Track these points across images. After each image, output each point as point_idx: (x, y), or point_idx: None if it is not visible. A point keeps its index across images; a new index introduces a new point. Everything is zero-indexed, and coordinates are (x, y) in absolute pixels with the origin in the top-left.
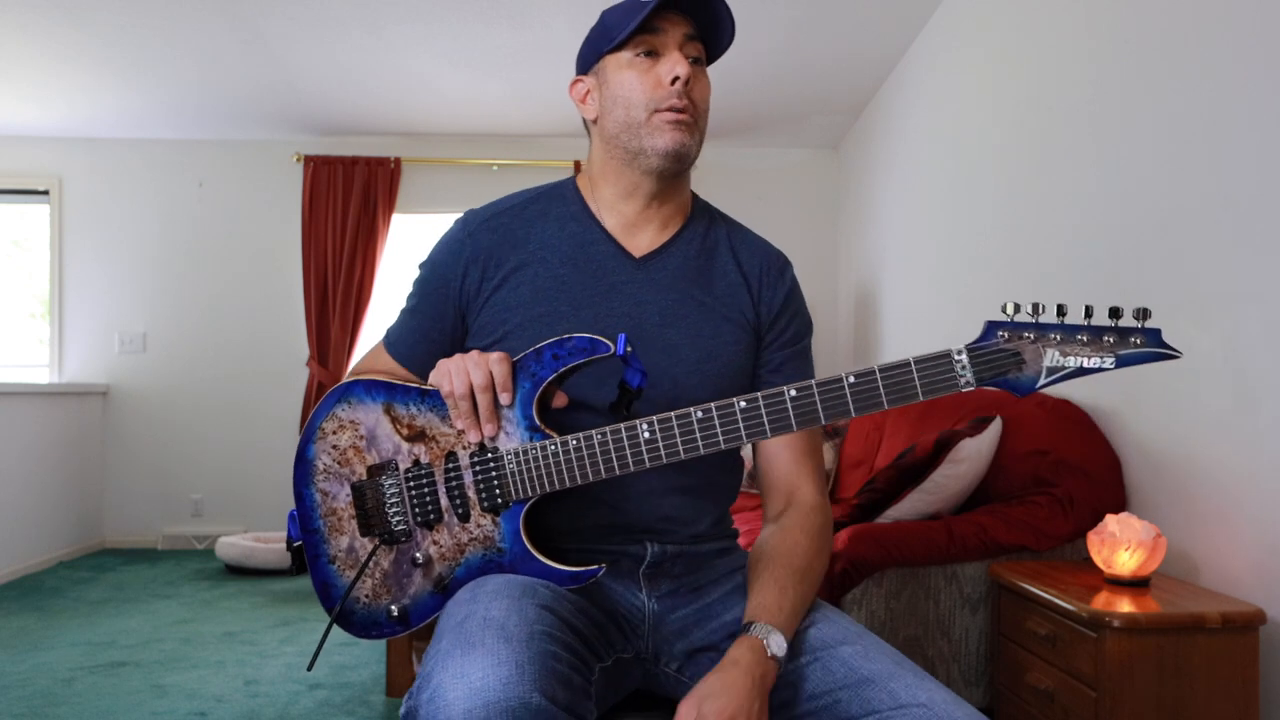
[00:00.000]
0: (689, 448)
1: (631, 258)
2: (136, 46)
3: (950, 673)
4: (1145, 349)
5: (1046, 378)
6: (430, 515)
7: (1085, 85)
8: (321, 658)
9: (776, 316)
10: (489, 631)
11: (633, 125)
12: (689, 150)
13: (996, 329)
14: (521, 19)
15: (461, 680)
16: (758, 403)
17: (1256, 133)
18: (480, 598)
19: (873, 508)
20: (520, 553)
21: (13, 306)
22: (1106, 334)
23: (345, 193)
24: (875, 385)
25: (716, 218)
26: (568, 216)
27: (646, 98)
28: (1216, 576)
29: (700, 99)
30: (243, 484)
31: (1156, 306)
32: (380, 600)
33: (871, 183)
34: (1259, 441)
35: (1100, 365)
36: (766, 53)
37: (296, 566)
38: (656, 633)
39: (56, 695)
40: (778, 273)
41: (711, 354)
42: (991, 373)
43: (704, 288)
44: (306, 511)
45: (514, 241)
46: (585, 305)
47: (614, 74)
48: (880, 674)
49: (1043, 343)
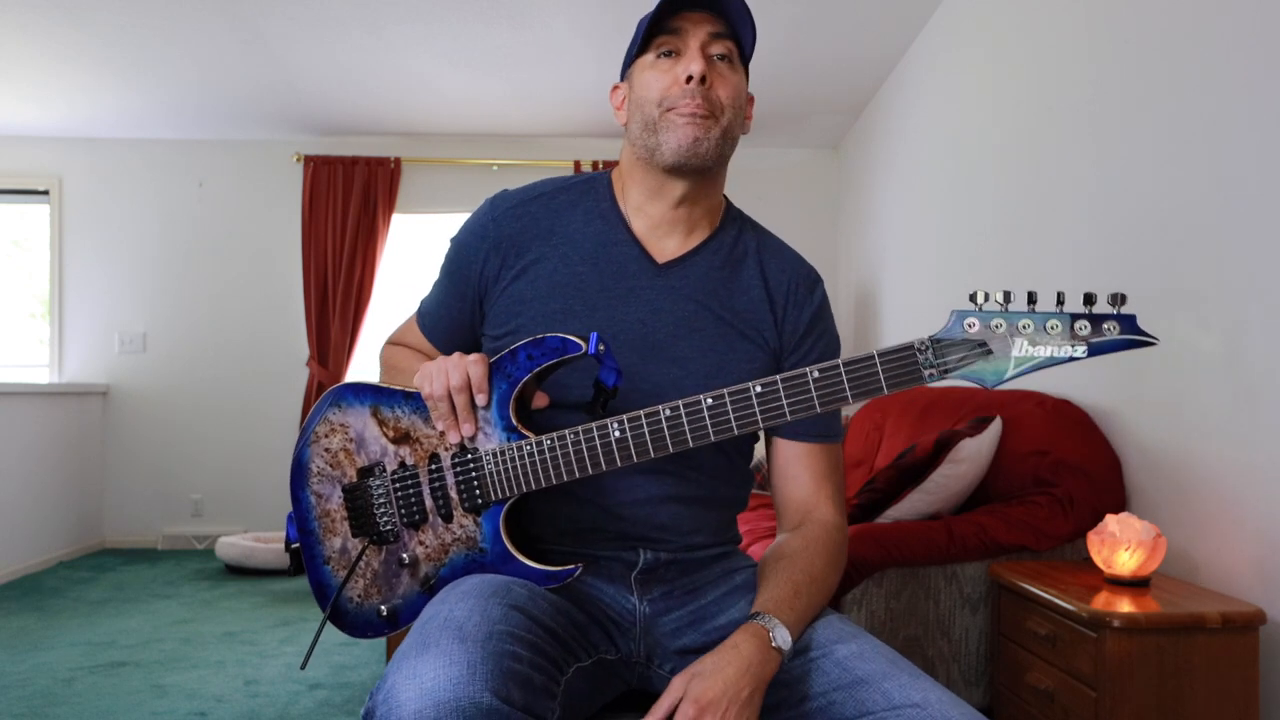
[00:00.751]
0: (658, 446)
1: (654, 263)
2: (136, 46)
3: (950, 673)
4: (1120, 336)
5: (1015, 369)
6: (415, 516)
7: (1085, 85)
8: (322, 658)
9: (802, 337)
10: (446, 632)
11: (649, 123)
12: (703, 146)
13: (964, 319)
14: (521, 19)
15: (413, 680)
16: (724, 399)
17: (1257, 132)
18: (450, 599)
19: (873, 508)
20: (501, 552)
21: (13, 306)
22: (1079, 321)
23: (345, 193)
24: (839, 380)
25: (748, 227)
26: (595, 213)
27: (661, 95)
28: (1216, 576)
29: (725, 96)
30: (243, 484)
31: (1157, 306)
32: (371, 600)
33: (871, 183)
34: (1259, 441)
35: (1071, 355)
36: (766, 53)
37: (294, 568)
38: (648, 635)
39: (56, 695)
40: (806, 291)
41: (721, 368)
42: (957, 364)
43: (724, 301)
44: (303, 514)
45: (538, 232)
46: (600, 307)
47: (639, 76)
48: (875, 674)
49: (1011, 332)
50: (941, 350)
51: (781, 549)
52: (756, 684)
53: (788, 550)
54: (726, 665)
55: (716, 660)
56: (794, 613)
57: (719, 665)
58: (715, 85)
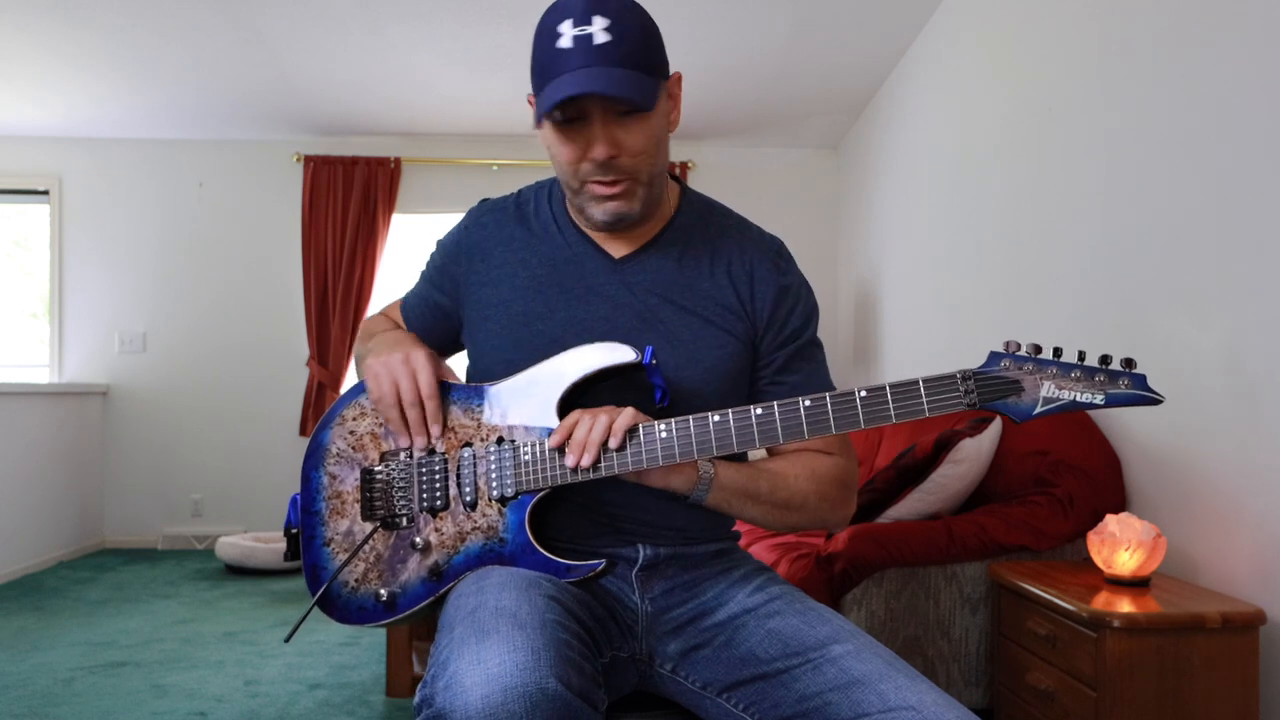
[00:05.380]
0: (703, 449)
1: (610, 258)
2: (136, 46)
3: (950, 673)
4: (1132, 391)
5: (1042, 406)
6: (437, 501)
7: (1086, 84)
8: (322, 657)
9: (773, 312)
10: (502, 619)
11: (569, 187)
12: (629, 215)
13: (999, 359)
14: (521, 19)
15: (478, 666)
16: (773, 411)
17: (1258, 131)
18: (487, 589)
19: (873, 508)
20: (523, 543)
21: (13, 306)
22: (1098, 374)
23: (345, 193)
24: (885, 400)
25: (703, 209)
26: (550, 217)
27: (572, 169)
28: (1216, 576)
29: (634, 157)
30: (243, 484)
31: (1157, 305)
32: (369, 584)
33: (871, 183)
34: (1259, 441)
35: (1091, 401)
36: (766, 53)
37: (291, 553)
38: (650, 634)
39: (56, 695)
40: (769, 266)
41: (690, 359)
42: (992, 396)
43: (685, 291)
44: (310, 494)
45: (500, 238)
46: (561, 307)
47: (546, 135)
48: (871, 675)
49: (1040, 375)
50: (979, 382)
51: (771, 461)
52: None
53: (774, 464)
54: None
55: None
56: (737, 476)
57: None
58: (623, 150)
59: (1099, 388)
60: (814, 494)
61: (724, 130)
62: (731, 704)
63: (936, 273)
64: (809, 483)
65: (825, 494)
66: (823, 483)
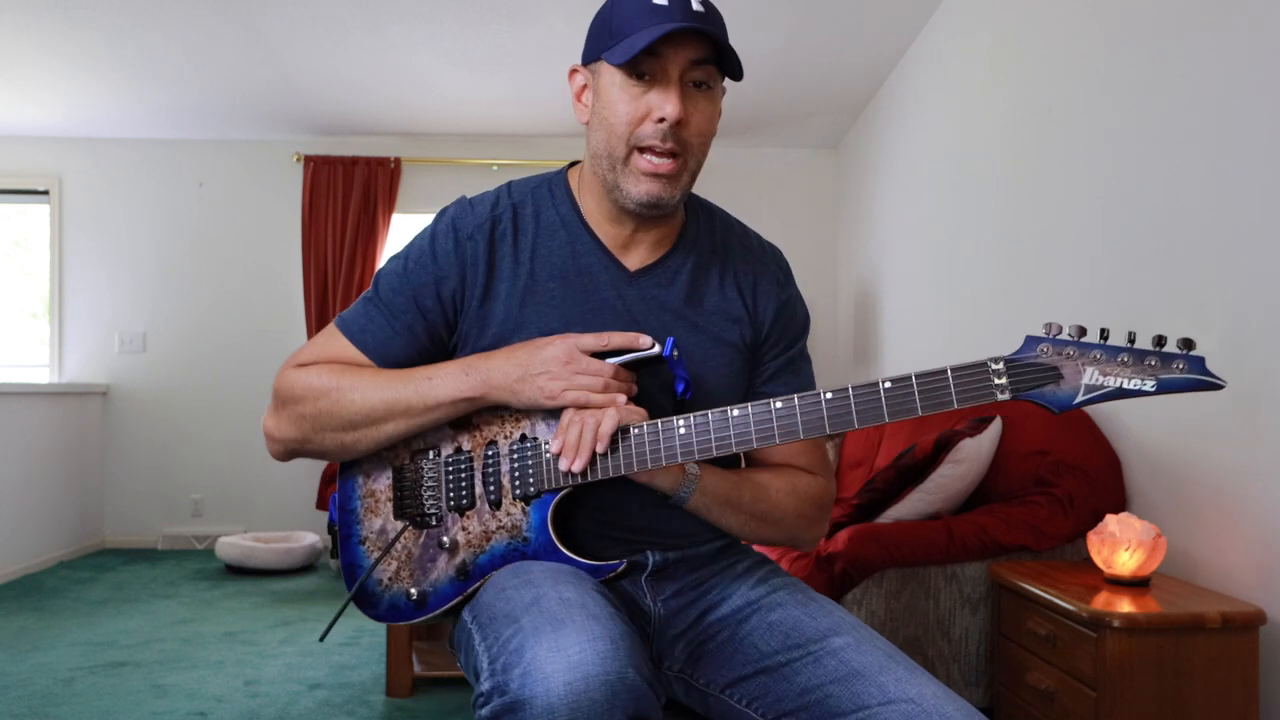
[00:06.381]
0: (721, 445)
1: (625, 270)
2: (136, 46)
3: (950, 673)
4: (1188, 375)
5: (1084, 395)
6: (464, 500)
7: (1086, 84)
8: (321, 657)
9: (773, 323)
10: (573, 610)
11: (613, 157)
12: (666, 201)
13: (1036, 344)
14: (521, 19)
15: (559, 654)
16: (793, 404)
17: (1258, 131)
18: (538, 582)
19: (873, 508)
20: (545, 542)
21: (13, 306)
22: (1149, 357)
23: (345, 193)
24: (911, 391)
25: (711, 219)
26: (558, 223)
27: (629, 130)
28: (1216, 576)
29: (695, 134)
30: (243, 484)
31: (1157, 305)
32: (401, 582)
33: (871, 183)
34: (1259, 441)
35: (1140, 388)
36: (766, 53)
37: (335, 549)
38: (661, 637)
39: (56, 695)
40: (771, 280)
41: (700, 377)
42: (1028, 385)
43: (696, 307)
44: (347, 492)
45: (503, 250)
46: (576, 322)
47: (605, 85)
48: (871, 668)
49: (1083, 360)
50: (1014, 370)
51: (757, 471)
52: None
53: (760, 474)
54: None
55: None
56: (721, 483)
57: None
58: (689, 121)
59: (1150, 373)
60: (792, 510)
61: (724, 130)
62: (735, 700)
63: (936, 273)
64: (789, 498)
65: (803, 512)
66: (802, 501)
